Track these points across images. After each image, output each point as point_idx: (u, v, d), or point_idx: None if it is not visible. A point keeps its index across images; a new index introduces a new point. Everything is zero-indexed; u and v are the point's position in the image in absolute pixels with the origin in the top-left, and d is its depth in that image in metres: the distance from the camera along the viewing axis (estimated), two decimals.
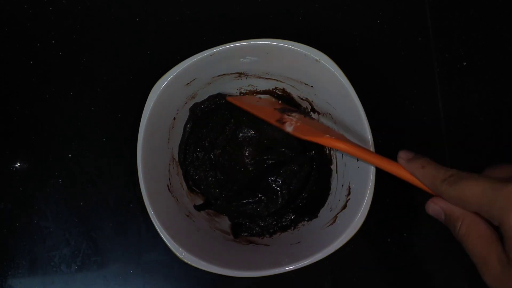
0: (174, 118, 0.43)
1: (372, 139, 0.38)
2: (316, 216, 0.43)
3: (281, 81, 0.44)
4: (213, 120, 0.45)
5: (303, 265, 0.38)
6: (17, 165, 0.47)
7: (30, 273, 0.46)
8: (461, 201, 0.31)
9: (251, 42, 0.39)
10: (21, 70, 0.48)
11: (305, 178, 0.45)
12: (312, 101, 0.44)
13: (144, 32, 0.49)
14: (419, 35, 0.50)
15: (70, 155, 0.47)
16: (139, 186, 0.39)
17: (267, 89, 0.46)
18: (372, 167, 0.38)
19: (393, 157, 0.36)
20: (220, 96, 0.45)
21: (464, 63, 0.49)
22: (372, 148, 0.38)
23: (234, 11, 0.49)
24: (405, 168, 0.34)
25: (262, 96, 0.46)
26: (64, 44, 0.48)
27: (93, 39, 0.49)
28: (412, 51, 0.49)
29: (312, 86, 0.42)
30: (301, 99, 0.45)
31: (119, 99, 0.48)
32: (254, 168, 0.46)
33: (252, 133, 0.46)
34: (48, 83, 0.48)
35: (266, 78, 0.44)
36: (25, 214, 0.47)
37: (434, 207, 0.34)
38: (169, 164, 0.44)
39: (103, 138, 0.48)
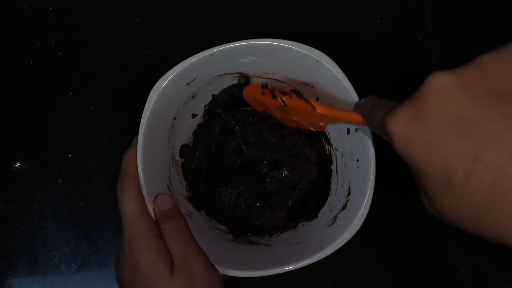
0: (175, 118, 0.43)
1: (372, 140, 0.38)
2: (315, 216, 0.43)
3: (281, 81, 0.44)
4: (218, 129, 0.46)
5: (303, 265, 0.38)
6: (17, 165, 0.47)
7: (30, 273, 0.46)
8: None
9: (252, 42, 0.39)
10: (21, 70, 0.48)
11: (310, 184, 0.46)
12: None
13: (144, 32, 0.49)
14: (419, 35, 0.50)
15: (70, 155, 0.47)
16: None
17: None
18: (372, 167, 0.38)
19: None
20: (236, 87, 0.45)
21: (464, 63, 0.49)
22: (372, 150, 0.38)
23: (234, 11, 0.49)
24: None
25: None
26: (64, 44, 0.48)
27: (93, 39, 0.49)
28: (412, 51, 0.49)
29: (312, 87, 0.42)
30: None
31: (119, 99, 0.48)
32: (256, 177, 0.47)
33: (256, 149, 0.46)
34: (48, 83, 0.48)
35: (266, 78, 0.44)
36: (25, 214, 0.47)
37: None
38: (169, 164, 0.44)
39: (103, 138, 0.48)
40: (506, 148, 0.22)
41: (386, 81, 0.49)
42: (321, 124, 0.39)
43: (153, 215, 0.38)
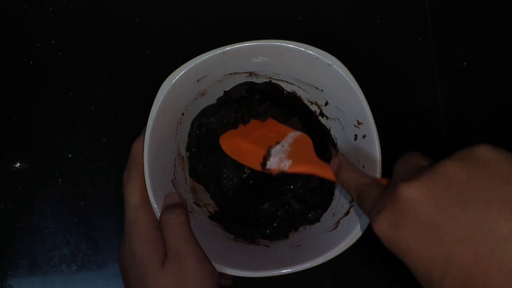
0: (183, 114, 0.43)
1: (379, 147, 0.38)
2: (318, 221, 0.43)
3: (291, 83, 0.44)
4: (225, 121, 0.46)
5: (303, 269, 0.38)
6: (17, 165, 0.47)
7: (30, 273, 0.46)
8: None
9: (265, 42, 0.39)
10: (21, 70, 0.48)
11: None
12: (321, 105, 0.44)
13: (144, 32, 0.49)
14: (419, 35, 0.50)
15: (70, 155, 0.47)
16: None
17: None
18: (378, 175, 0.38)
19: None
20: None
21: (464, 63, 0.49)
22: (379, 157, 0.38)
23: (234, 11, 0.49)
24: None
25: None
26: (64, 44, 0.48)
27: (93, 39, 0.49)
28: (412, 51, 0.49)
29: (322, 90, 0.42)
30: (311, 102, 0.45)
31: (119, 99, 0.48)
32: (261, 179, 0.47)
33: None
34: (48, 83, 0.48)
35: (277, 79, 0.44)
36: (25, 214, 0.47)
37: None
38: (175, 159, 0.43)
39: (103, 138, 0.48)
40: (471, 253, 0.26)
41: (386, 81, 0.49)
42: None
43: (155, 209, 0.38)
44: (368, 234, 0.47)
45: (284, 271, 0.38)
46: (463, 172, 0.28)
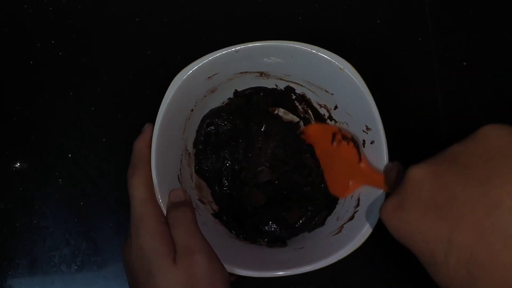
0: (192, 110, 0.43)
1: (387, 154, 0.38)
2: (322, 224, 0.43)
3: (301, 85, 0.44)
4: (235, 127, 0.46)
5: (304, 271, 0.38)
6: (17, 165, 0.47)
7: (30, 273, 0.46)
8: None
9: (277, 43, 0.39)
10: (21, 70, 0.48)
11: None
12: (331, 109, 0.44)
13: (144, 32, 0.49)
14: (419, 35, 0.50)
15: (70, 155, 0.47)
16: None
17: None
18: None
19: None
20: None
21: (464, 63, 0.49)
22: (386, 162, 0.38)
23: (234, 11, 0.49)
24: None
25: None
26: (64, 44, 0.48)
27: (93, 39, 0.49)
28: (412, 51, 0.49)
29: (332, 94, 0.42)
30: (320, 105, 0.45)
31: (119, 99, 0.48)
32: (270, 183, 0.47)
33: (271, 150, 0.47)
34: (48, 83, 0.48)
35: (287, 81, 0.44)
36: (25, 214, 0.47)
37: None
38: (182, 155, 0.44)
39: (103, 138, 0.48)
40: (474, 229, 0.25)
41: (386, 81, 0.49)
42: (350, 183, 0.40)
43: (161, 204, 0.37)
44: (369, 237, 0.47)
45: (284, 273, 0.38)
46: (466, 151, 0.28)
